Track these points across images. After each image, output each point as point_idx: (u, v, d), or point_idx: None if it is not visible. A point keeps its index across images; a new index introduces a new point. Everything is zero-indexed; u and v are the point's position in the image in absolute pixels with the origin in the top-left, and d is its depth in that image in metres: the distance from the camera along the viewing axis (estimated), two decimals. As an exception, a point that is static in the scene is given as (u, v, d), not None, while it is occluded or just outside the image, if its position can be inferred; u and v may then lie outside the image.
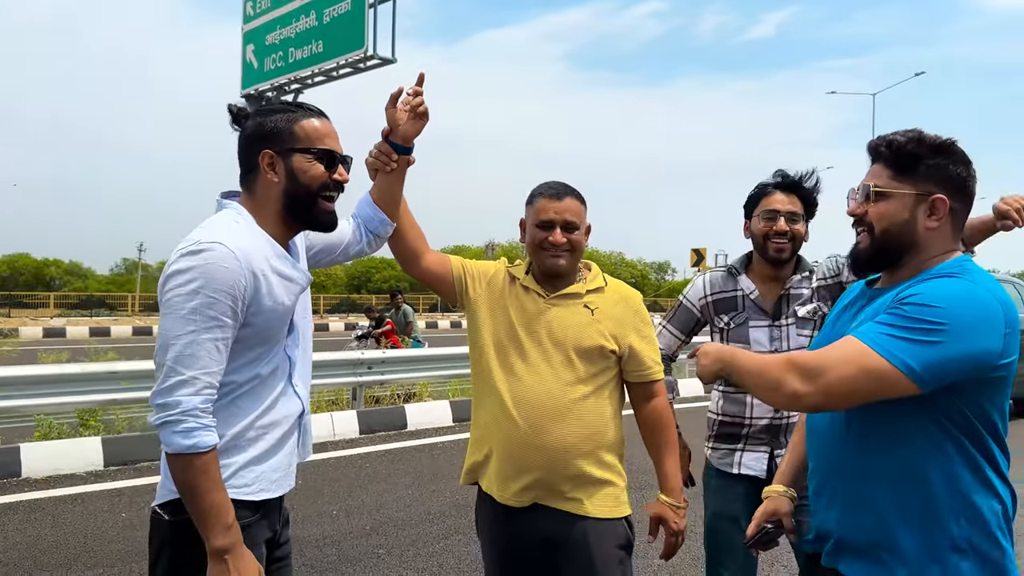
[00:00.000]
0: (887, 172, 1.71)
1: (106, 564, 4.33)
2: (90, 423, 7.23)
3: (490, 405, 2.27)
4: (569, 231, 2.24)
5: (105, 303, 40.76)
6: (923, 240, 1.67)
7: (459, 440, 7.92)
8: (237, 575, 1.71)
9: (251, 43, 17.37)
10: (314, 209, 1.91)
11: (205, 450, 1.68)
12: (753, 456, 2.67)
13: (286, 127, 1.88)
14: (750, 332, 2.69)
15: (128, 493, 5.78)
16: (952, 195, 1.66)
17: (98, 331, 24.99)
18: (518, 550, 2.26)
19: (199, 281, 1.70)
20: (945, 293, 1.52)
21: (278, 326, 1.88)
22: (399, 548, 4.66)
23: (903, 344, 1.49)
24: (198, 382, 1.69)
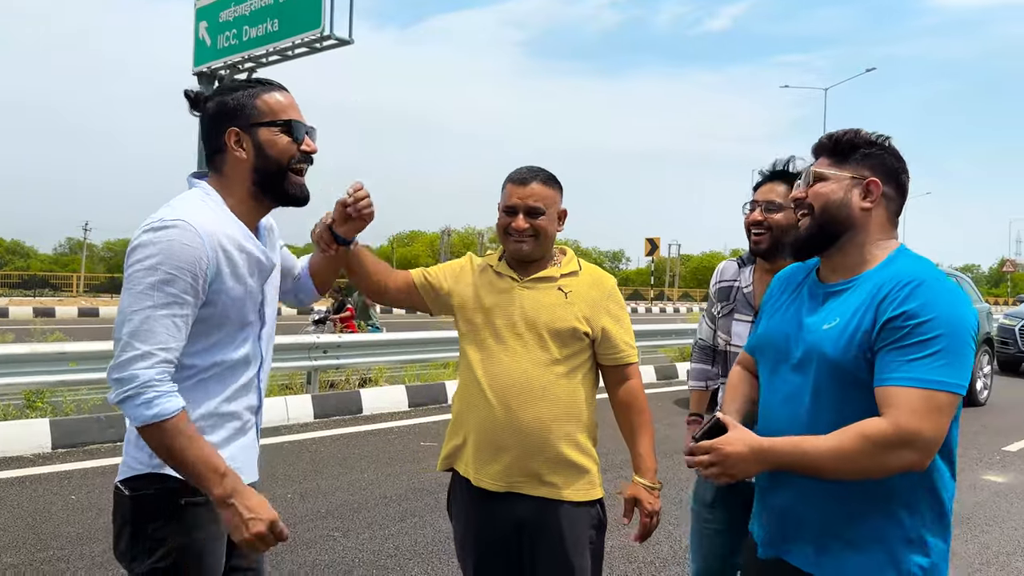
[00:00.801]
0: (827, 160, 1.84)
1: (55, 547, 4.27)
2: (37, 405, 7.09)
3: (467, 389, 2.32)
4: (533, 216, 2.26)
5: (49, 283, 39.70)
6: (858, 220, 1.77)
7: (415, 425, 7.94)
8: (248, 512, 1.70)
9: (204, 20, 17.00)
10: (285, 183, 1.91)
11: (172, 415, 1.67)
12: None
13: (248, 102, 1.88)
14: (733, 325, 2.69)
15: (77, 476, 5.69)
16: (885, 181, 1.78)
17: (42, 311, 24.34)
18: (492, 534, 2.29)
19: (159, 257, 1.70)
20: (948, 307, 1.59)
21: (242, 308, 1.88)
22: (355, 531, 4.68)
23: (948, 370, 1.56)
24: (153, 356, 1.68)
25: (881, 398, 1.59)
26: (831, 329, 1.71)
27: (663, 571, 4.18)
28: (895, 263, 1.73)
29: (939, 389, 1.55)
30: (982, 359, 11.10)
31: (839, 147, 1.82)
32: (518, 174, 2.32)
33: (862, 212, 1.77)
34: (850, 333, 1.67)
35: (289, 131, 1.89)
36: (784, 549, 1.79)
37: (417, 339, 9.71)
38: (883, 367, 1.61)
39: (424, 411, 8.63)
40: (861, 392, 1.66)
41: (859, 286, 1.74)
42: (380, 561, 4.21)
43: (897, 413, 1.55)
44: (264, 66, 17.18)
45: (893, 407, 1.56)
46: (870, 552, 1.66)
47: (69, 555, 4.16)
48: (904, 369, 1.58)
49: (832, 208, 1.78)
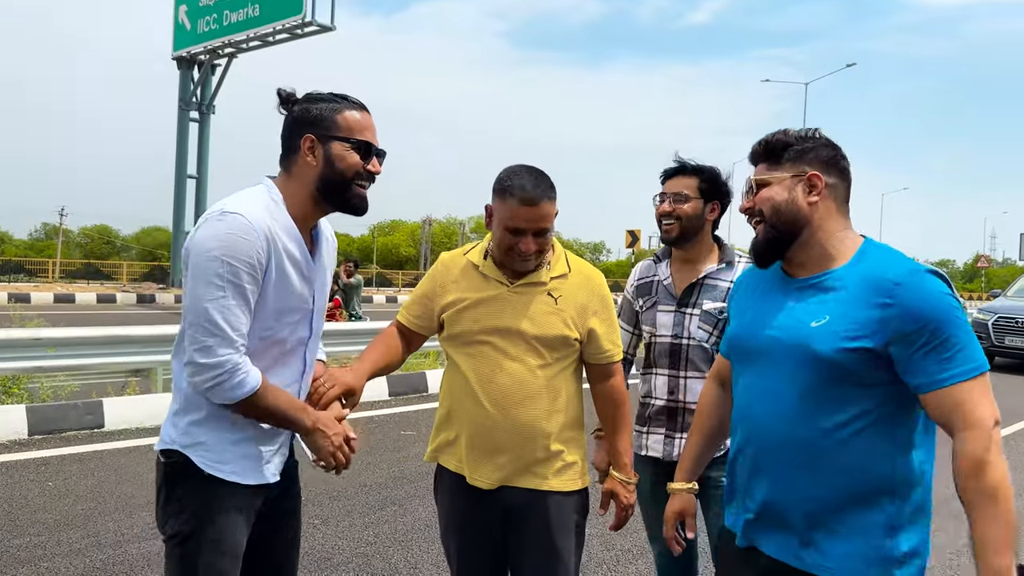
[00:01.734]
0: (764, 166, 1.87)
1: (32, 533, 4.25)
2: (14, 391, 7.02)
3: (458, 390, 2.32)
4: (541, 236, 2.20)
5: (24, 268, 39.21)
6: (809, 216, 1.79)
7: (395, 413, 7.95)
8: (329, 429, 2.03)
9: (184, 3, 16.82)
10: (348, 193, 2.03)
11: (258, 387, 1.88)
12: (655, 438, 2.75)
13: (330, 116, 2.00)
14: (657, 316, 2.76)
15: (54, 462, 5.66)
16: (825, 171, 1.80)
17: (18, 297, 24.04)
18: (478, 523, 2.32)
19: (222, 251, 1.84)
20: (939, 294, 1.63)
21: (285, 306, 1.99)
22: (334, 519, 4.69)
23: (976, 352, 1.63)
24: (234, 341, 1.86)
25: (939, 401, 1.62)
26: (821, 327, 1.71)
27: (640, 558, 4.22)
28: (869, 257, 1.75)
29: (980, 372, 1.61)
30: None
31: (772, 150, 1.85)
32: (524, 192, 2.16)
33: (811, 207, 1.79)
34: (846, 332, 1.68)
35: (360, 150, 2.01)
36: (765, 540, 1.81)
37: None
38: (921, 372, 1.63)
39: (405, 400, 8.64)
40: (858, 388, 1.69)
41: (839, 281, 1.74)
42: (360, 549, 4.23)
43: (970, 410, 1.59)
44: (245, 51, 17.04)
45: (961, 405, 1.59)
46: (853, 541, 1.69)
47: (46, 542, 4.14)
48: (946, 369, 1.61)
49: (781, 209, 1.81)
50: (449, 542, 2.41)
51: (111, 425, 6.70)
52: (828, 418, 1.71)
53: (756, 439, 1.84)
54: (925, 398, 1.64)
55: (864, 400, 1.68)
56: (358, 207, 2.06)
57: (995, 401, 1.62)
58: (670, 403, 2.70)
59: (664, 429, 2.72)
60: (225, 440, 1.96)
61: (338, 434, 2.04)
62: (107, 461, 5.75)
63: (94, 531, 4.31)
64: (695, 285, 2.70)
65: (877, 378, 1.68)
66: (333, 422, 2.05)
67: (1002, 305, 15.23)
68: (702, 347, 2.67)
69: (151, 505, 4.93)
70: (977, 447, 1.57)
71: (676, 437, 2.69)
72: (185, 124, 19.77)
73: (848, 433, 1.70)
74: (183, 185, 18.48)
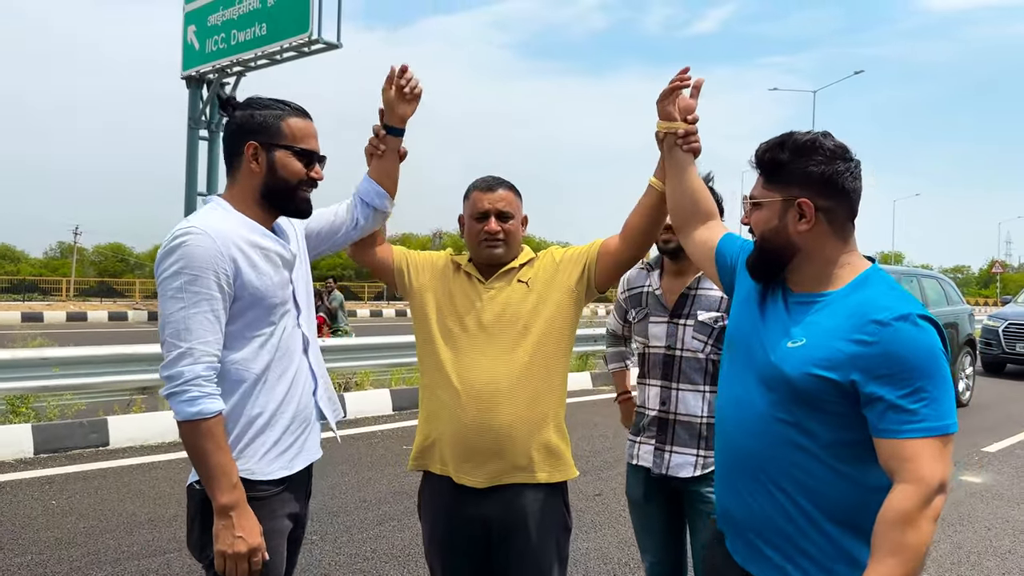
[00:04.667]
0: (760, 181, 1.77)
1: (35, 552, 4.30)
2: (21, 410, 7.09)
3: (440, 391, 2.34)
4: (503, 220, 2.34)
5: (38, 287, 39.55)
6: (800, 244, 1.70)
7: (398, 428, 7.98)
8: (240, 530, 1.86)
9: (192, 24, 17.03)
10: (293, 200, 2.08)
11: (209, 416, 1.85)
12: (647, 448, 2.75)
13: (274, 123, 2.04)
14: (650, 327, 2.76)
15: (59, 481, 5.71)
16: (817, 195, 1.67)
17: (31, 316, 24.28)
18: (462, 527, 2.33)
19: (181, 263, 1.87)
20: (925, 344, 1.54)
21: (274, 298, 2.02)
22: (332, 535, 4.71)
23: (942, 410, 1.52)
24: (196, 351, 1.85)
25: (892, 450, 1.53)
26: (795, 349, 1.66)
27: (637, 572, 4.22)
28: (866, 289, 1.65)
29: (943, 433, 1.52)
30: (964, 360, 11.19)
31: (765, 166, 1.75)
32: (483, 182, 2.39)
33: (801, 235, 1.69)
34: (817, 360, 1.61)
35: (302, 158, 2.06)
36: (730, 543, 1.81)
37: (402, 343, 9.75)
38: (882, 416, 1.55)
39: (409, 415, 8.66)
40: (821, 413, 1.62)
41: (828, 307, 1.67)
42: (357, 564, 4.25)
43: (919, 467, 1.50)
44: (252, 70, 17.21)
45: (911, 460, 1.50)
46: (806, 567, 1.65)
47: (47, 560, 4.19)
48: (907, 421, 1.52)
49: (770, 236, 1.73)
50: (433, 555, 2.43)
51: (116, 443, 6.76)
52: (789, 439, 1.66)
53: (722, 445, 1.83)
54: (879, 442, 1.56)
55: (828, 427, 1.62)
56: (303, 210, 2.11)
57: (950, 469, 1.53)
58: (661, 414, 2.70)
59: (655, 441, 2.71)
60: (256, 448, 1.98)
61: (241, 540, 1.86)
62: (111, 479, 5.80)
63: (94, 549, 4.35)
64: (687, 296, 2.71)
65: (842, 409, 1.61)
66: (251, 527, 1.88)
67: (1013, 311, 15.12)
68: (696, 358, 2.66)
69: (152, 523, 4.98)
70: (913, 503, 1.48)
71: (666, 450, 2.69)
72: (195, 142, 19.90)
73: (807, 457, 1.64)
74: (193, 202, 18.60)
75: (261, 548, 1.89)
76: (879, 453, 1.56)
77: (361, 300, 43.35)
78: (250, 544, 1.86)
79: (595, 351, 12.24)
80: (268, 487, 2.00)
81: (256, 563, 1.88)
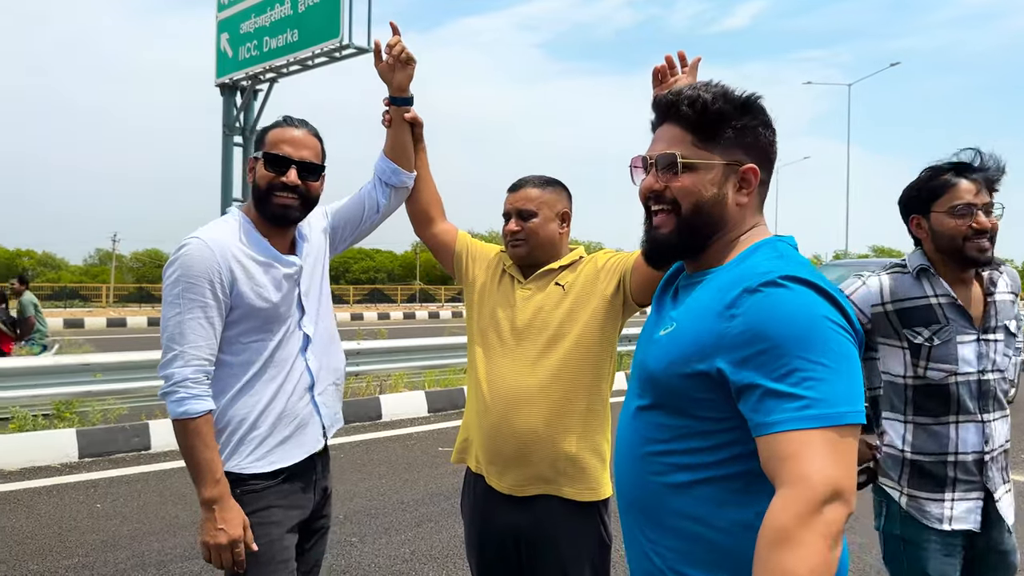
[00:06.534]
0: (689, 137, 1.41)
1: (81, 554, 4.38)
2: (65, 415, 7.24)
3: (473, 391, 2.35)
4: (524, 219, 2.29)
5: (79, 294, 40.34)
6: (732, 217, 1.41)
7: (434, 430, 8.00)
8: (223, 523, 1.97)
9: (225, 32, 17.26)
10: (267, 205, 2.14)
11: (195, 415, 1.96)
12: (965, 506, 2.18)
13: (262, 136, 2.17)
14: (958, 349, 2.17)
15: (102, 485, 5.81)
16: (761, 164, 1.41)
17: (72, 322, 24.77)
18: (493, 534, 2.31)
19: (179, 272, 2.00)
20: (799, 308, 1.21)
21: (271, 307, 2.11)
22: (371, 536, 4.74)
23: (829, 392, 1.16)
24: (187, 355, 1.98)
25: (767, 450, 1.17)
26: (663, 337, 1.38)
27: None
28: (753, 258, 1.35)
29: (831, 424, 1.13)
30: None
31: (706, 121, 1.39)
32: (515, 181, 2.37)
33: (737, 208, 1.41)
34: (682, 350, 1.31)
35: (272, 164, 2.12)
36: None
37: (435, 345, 9.78)
38: (753, 409, 1.20)
39: (444, 416, 8.68)
40: (693, 421, 1.31)
41: (710, 283, 1.37)
42: (395, 566, 4.27)
43: (799, 465, 1.12)
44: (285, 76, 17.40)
45: (790, 459, 1.13)
46: None
47: (94, 562, 4.27)
48: (778, 409, 1.16)
49: (705, 208, 1.39)
50: (470, 560, 2.43)
51: (157, 447, 6.87)
52: (658, 457, 1.36)
53: (615, 458, 1.56)
54: (757, 442, 1.19)
55: (704, 441, 1.31)
56: (275, 215, 2.14)
57: (851, 471, 1.14)
58: (985, 455, 2.18)
59: (979, 491, 2.18)
60: (245, 446, 2.08)
61: (222, 532, 1.96)
62: (152, 483, 5.90)
63: (139, 551, 4.43)
64: (989, 305, 2.24)
65: (719, 414, 1.28)
66: (233, 519, 1.98)
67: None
68: (1005, 378, 2.24)
69: (195, 525, 5.04)
70: (793, 513, 1.09)
71: (998, 499, 2.20)
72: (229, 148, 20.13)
73: (684, 480, 1.33)
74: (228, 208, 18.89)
75: (239, 538, 1.99)
76: (760, 459, 1.19)
77: (394, 303, 43.60)
78: (231, 535, 1.97)
79: (631, 351, 12.18)
80: (261, 480, 2.09)
81: (239, 553, 1.98)
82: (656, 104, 1.47)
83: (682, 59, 2.05)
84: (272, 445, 2.11)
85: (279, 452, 2.12)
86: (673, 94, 1.42)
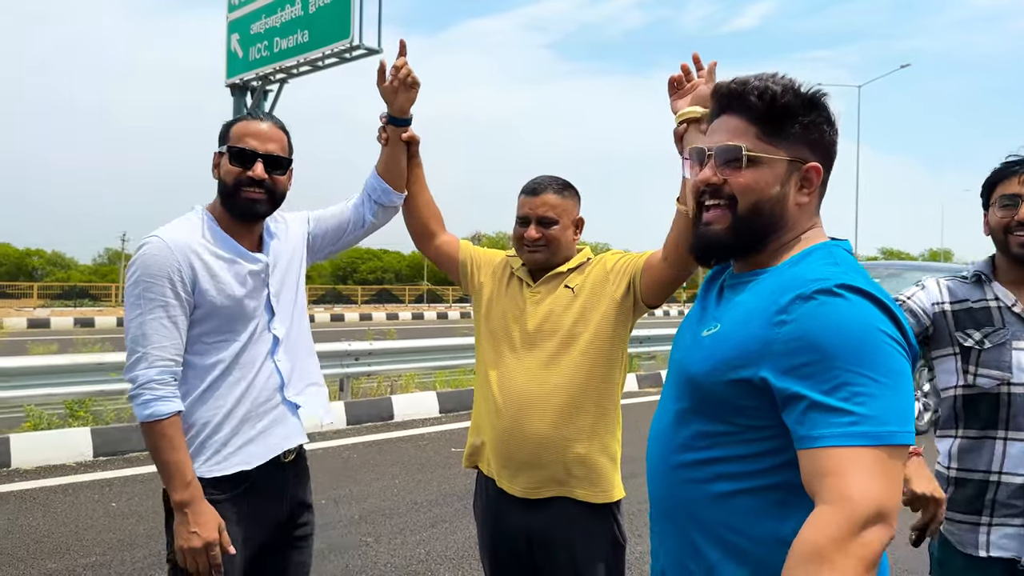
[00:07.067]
0: (753, 130, 1.33)
1: (98, 552, 4.40)
2: (79, 414, 7.27)
3: (483, 394, 2.34)
4: (544, 226, 2.27)
5: (88, 293, 40.52)
6: (791, 218, 1.35)
7: (446, 431, 8.01)
8: (196, 526, 1.91)
9: (236, 32, 17.30)
10: (234, 201, 2.09)
11: (162, 417, 1.91)
12: (1004, 532, 2.01)
13: (226, 131, 2.11)
14: (1013, 355, 2.03)
15: (118, 483, 5.84)
16: (824, 163, 1.35)
17: (83, 321, 24.87)
18: (506, 536, 2.31)
19: (139, 272, 1.96)
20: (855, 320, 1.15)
21: (234, 304, 2.05)
22: (387, 536, 4.75)
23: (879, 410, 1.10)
24: (151, 356, 1.93)
25: (809, 464, 1.12)
26: (707, 338, 1.34)
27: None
28: (804, 261, 1.30)
29: (879, 443, 1.08)
30: None
31: (773, 114, 1.32)
32: (531, 184, 2.32)
33: (797, 208, 1.34)
34: (726, 354, 1.27)
35: (237, 159, 2.07)
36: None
37: (445, 346, 9.80)
38: (798, 421, 1.15)
39: (455, 417, 8.69)
40: (733, 427, 1.27)
41: (759, 284, 1.32)
42: (411, 567, 4.28)
43: (844, 484, 1.07)
44: (295, 76, 17.43)
45: (830, 475, 1.08)
46: None
47: (111, 561, 4.29)
48: (824, 423, 1.11)
49: (765, 206, 1.32)
50: (484, 559, 2.43)
51: (171, 446, 6.89)
52: (697, 466, 1.32)
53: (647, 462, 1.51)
54: (799, 455, 1.15)
55: (746, 449, 1.26)
56: (243, 211, 2.10)
57: (896, 493, 1.09)
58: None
59: (1020, 518, 2.00)
60: (209, 447, 2.03)
61: (196, 535, 1.91)
62: (168, 481, 5.91)
63: (155, 551, 4.44)
64: None
65: (761, 423, 1.23)
66: (207, 522, 1.93)
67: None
68: None
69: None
70: (831, 532, 1.04)
71: None
72: (239, 149, 20.05)
73: (722, 490, 1.29)
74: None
75: (214, 541, 1.93)
76: (801, 473, 1.14)
77: (402, 303, 43.65)
78: (204, 538, 1.91)
79: (641, 352, 12.17)
80: (220, 491, 2.02)
81: (214, 556, 1.93)
82: (718, 93, 1.39)
83: (696, 61, 1.98)
84: (235, 447, 2.05)
85: (241, 455, 2.06)
86: (739, 83, 1.35)
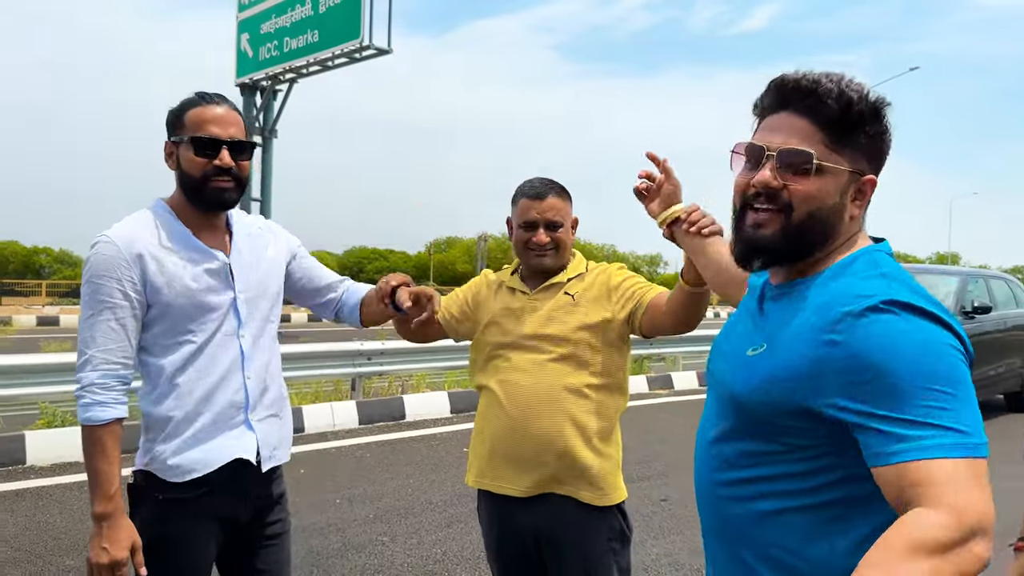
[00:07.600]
0: (820, 135, 1.26)
1: (114, 550, 4.40)
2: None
3: (486, 402, 2.36)
4: (552, 230, 2.29)
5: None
6: (845, 230, 1.29)
7: (458, 431, 8.01)
8: (107, 542, 1.87)
9: (246, 32, 17.35)
10: (204, 192, 2.00)
11: (97, 423, 1.88)
12: None
13: (179, 118, 2.00)
14: None
15: (132, 481, 5.83)
16: (877, 174, 1.31)
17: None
18: (513, 536, 2.32)
19: (89, 273, 1.92)
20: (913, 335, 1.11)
21: (188, 301, 1.97)
22: (403, 536, 4.75)
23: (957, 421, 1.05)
24: (96, 359, 1.89)
25: (888, 480, 1.06)
26: (754, 358, 1.28)
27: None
28: (848, 273, 1.25)
29: (973, 455, 1.03)
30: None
31: (845, 121, 1.25)
32: (532, 188, 2.31)
33: (851, 221, 1.29)
34: (773, 370, 1.22)
35: (201, 148, 1.97)
36: None
37: (455, 346, 9.77)
38: (867, 440, 1.09)
39: (467, 417, 8.68)
40: (780, 447, 1.22)
41: (801, 298, 1.27)
42: (428, 567, 4.28)
43: (944, 493, 1.00)
44: (305, 76, 17.48)
45: (922, 484, 1.02)
46: None
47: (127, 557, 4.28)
48: (900, 439, 1.06)
49: (822, 217, 1.26)
50: (491, 561, 2.44)
51: (184, 444, 6.89)
52: (742, 485, 1.28)
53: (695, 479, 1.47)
54: (880, 471, 1.08)
55: (795, 467, 1.22)
56: (217, 201, 2.01)
57: (992, 508, 1.02)
58: None
59: None
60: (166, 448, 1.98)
61: (104, 551, 1.86)
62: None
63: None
64: None
65: (815, 442, 1.19)
66: (119, 540, 1.87)
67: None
68: None
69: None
70: (938, 533, 0.98)
71: None
72: (248, 148, 20.15)
73: (769, 508, 1.25)
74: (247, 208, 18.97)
75: (121, 561, 1.86)
76: (885, 488, 1.07)
77: (408, 303, 43.57)
78: (112, 556, 1.85)
79: (651, 354, 12.15)
80: (184, 489, 1.97)
81: (121, 574, 1.86)
82: (783, 87, 1.30)
83: (653, 160, 2.00)
84: (192, 449, 1.98)
85: (199, 455, 1.98)
86: (810, 80, 1.26)
